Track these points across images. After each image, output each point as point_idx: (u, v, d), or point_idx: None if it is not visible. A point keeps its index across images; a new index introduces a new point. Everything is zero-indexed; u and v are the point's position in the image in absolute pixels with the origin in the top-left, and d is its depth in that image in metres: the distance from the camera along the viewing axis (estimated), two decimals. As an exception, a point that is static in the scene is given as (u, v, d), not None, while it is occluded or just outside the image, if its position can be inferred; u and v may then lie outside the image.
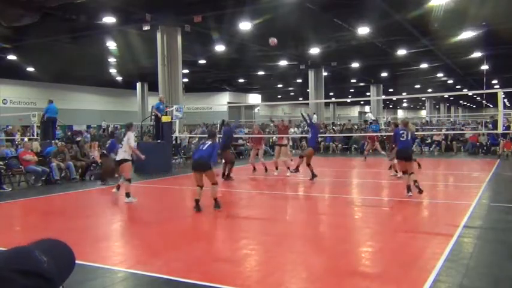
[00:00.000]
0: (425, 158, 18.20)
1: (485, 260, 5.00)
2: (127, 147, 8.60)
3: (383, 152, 16.21)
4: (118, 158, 8.80)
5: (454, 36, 20.43)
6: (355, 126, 28.36)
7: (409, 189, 8.67)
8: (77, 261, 0.92)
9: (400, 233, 6.40)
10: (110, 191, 10.25)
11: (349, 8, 16.20)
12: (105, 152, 11.24)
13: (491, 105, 60.60)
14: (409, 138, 9.01)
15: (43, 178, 11.65)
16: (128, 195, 8.56)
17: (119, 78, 34.75)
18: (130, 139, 8.66)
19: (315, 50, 24.18)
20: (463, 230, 6.20)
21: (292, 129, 22.98)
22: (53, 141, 13.96)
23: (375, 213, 7.90)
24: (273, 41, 15.16)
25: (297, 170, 11.67)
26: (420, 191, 8.48)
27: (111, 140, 11.36)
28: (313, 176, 11.32)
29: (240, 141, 20.35)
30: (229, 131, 12.45)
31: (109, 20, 16.46)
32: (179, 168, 15.14)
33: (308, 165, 11.35)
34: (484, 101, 61.52)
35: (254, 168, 13.24)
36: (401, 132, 9.08)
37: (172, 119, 14.48)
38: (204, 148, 7.62)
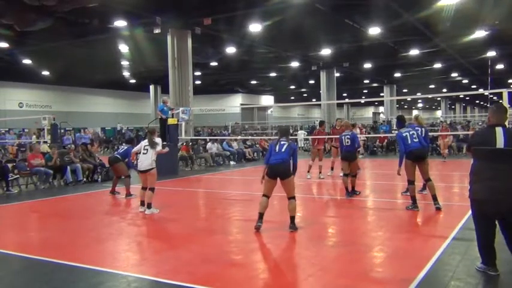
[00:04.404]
0: (434, 160, 17.96)
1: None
2: (154, 155, 8.14)
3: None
4: (145, 167, 8.09)
5: (467, 35, 20.16)
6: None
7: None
8: (68, 263, 0.89)
9: (398, 234, 6.32)
10: (108, 193, 10.37)
11: (359, 8, 16.13)
12: (119, 156, 10.00)
13: (509, 105, 59.47)
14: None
15: (50, 180, 11.84)
16: (150, 206, 8.02)
17: (133, 81, 35.17)
18: (159, 144, 8.32)
19: (326, 51, 24.11)
20: (463, 230, 6.15)
21: (300, 131, 22.98)
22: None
23: (374, 215, 7.82)
24: None
25: None
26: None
27: (127, 147, 10.09)
28: None
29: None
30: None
31: (120, 23, 16.70)
32: (185, 171, 15.27)
33: None
34: (500, 101, 60.48)
35: None
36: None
37: (178, 121, 14.54)
38: (283, 150, 6.37)
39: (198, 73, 29.05)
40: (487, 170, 4.22)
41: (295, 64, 28.36)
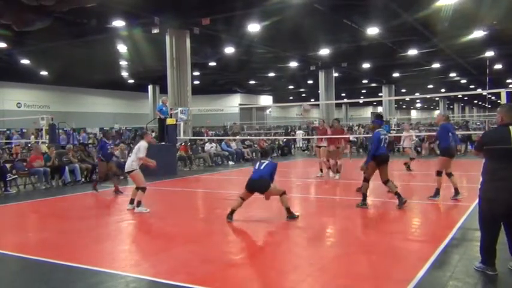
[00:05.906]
0: (432, 159, 17.96)
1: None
2: (135, 157, 8.10)
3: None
4: (126, 168, 8.26)
5: (465, 36, 20.19)
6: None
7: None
8: (67, 263, 0.89)
9: (396, 234, 6.33)
10: (108, 193, 10.36)
11: (358, 8, 16.13)
12: (101, 157, 10.36)
13: (507, 105, 59.50)
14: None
15: (49, 180, 11.82)
16: (139, 204, 8.02)
17: (131, 81, 35.15)
18: (140, 149, 8.06)
19: (325, 51, 24.13)
20: (462, 230, 6.16)
21: (298, 131, 23.00)
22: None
23: (373, 215, 7.82)
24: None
25: None
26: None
27: (101, 141, 10.45)
28: None
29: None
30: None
31: (119, 23, 16.69)
32: (184, 171, 15.25)
33: None
34: (499, 101, 60.55)
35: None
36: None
37: (177, 121, 14.54)
38: (262, 167, 7.04)
39: (196, 73, 29.04)
40: (498, 169, 4.23)
41: (293, 64, 28.37)
